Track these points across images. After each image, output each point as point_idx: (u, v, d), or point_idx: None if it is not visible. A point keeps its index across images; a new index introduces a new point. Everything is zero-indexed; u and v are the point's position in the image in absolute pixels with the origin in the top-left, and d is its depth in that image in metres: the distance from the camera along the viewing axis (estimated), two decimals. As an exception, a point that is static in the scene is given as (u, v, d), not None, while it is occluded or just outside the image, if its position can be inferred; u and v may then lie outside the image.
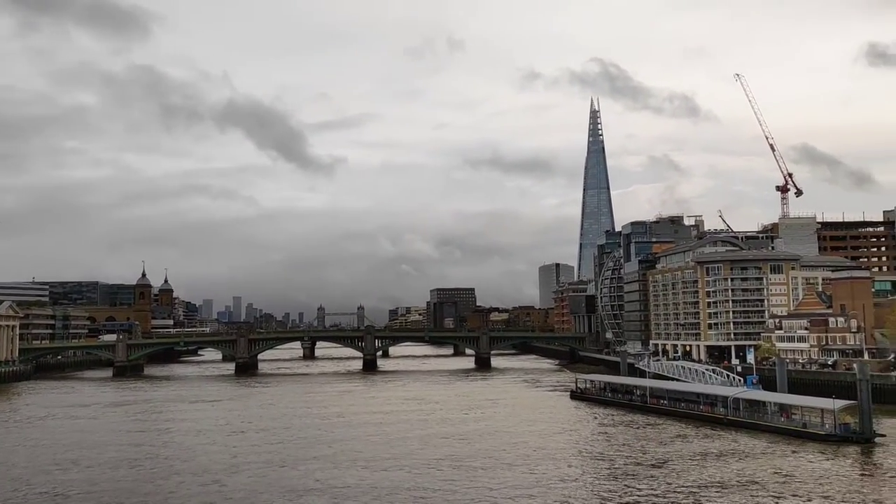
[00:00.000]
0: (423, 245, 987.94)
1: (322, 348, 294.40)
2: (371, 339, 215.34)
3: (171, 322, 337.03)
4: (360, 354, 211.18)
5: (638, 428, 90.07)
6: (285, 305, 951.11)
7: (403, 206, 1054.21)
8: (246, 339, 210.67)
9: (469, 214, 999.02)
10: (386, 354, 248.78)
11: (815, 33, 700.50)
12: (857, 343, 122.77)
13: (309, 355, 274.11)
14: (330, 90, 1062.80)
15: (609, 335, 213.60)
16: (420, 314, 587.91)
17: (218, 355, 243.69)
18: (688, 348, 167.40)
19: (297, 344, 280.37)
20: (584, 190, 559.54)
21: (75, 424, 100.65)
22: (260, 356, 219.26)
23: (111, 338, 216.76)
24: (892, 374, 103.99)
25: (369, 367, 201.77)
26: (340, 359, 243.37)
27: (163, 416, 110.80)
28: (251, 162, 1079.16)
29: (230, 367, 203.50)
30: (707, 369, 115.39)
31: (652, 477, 62.20)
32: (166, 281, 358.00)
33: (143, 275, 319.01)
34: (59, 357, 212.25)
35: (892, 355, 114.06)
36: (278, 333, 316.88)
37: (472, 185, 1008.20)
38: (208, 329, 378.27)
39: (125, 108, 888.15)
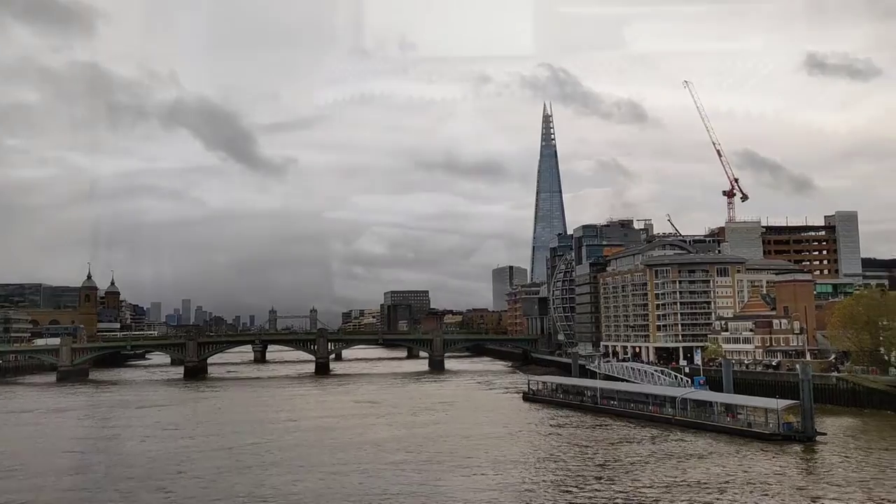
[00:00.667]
0: (375, 247, 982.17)
1: (273, 352, 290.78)
2: (324, 342, 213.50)
3: (118, 325, 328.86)
4: (313, 358, 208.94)
5: (589, 429, 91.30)
6: (236, 308, 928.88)
7: (355, 207, 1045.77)
8: (195, 343, 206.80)
9: (422, 217, 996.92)
10: (339, 357, 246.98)
11: (757, 42, 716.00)
12: (800, 344, 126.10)
13: (260, 359, 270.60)
14: (280, 91, 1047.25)
15: (561, 337, 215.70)
16: (374, 317, 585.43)
17: (166, 359, 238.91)
18: (637, 350, 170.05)
19: (248, 347, 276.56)
20: (536, 193, 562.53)
21: (17, 431, 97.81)
22: (210, 360, 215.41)
23: (55, 342, 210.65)
24: (833, 374, 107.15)
25: (322, 370, 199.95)
26: (292, 362, 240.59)
27: (109, 421, 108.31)
28: (199, 162, 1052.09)
29: (179, 371, 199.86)
30: (656, 370, 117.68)
31: (602, 478, 63.17)
32: (113, 283, 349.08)
33: (89, 277, 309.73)
34: (0, 362, 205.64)
35: (833, 356, 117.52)
36: (228, 336, 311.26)
37: (424, 187, 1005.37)
38: (156, 332, 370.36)
39: (68, 106, 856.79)
